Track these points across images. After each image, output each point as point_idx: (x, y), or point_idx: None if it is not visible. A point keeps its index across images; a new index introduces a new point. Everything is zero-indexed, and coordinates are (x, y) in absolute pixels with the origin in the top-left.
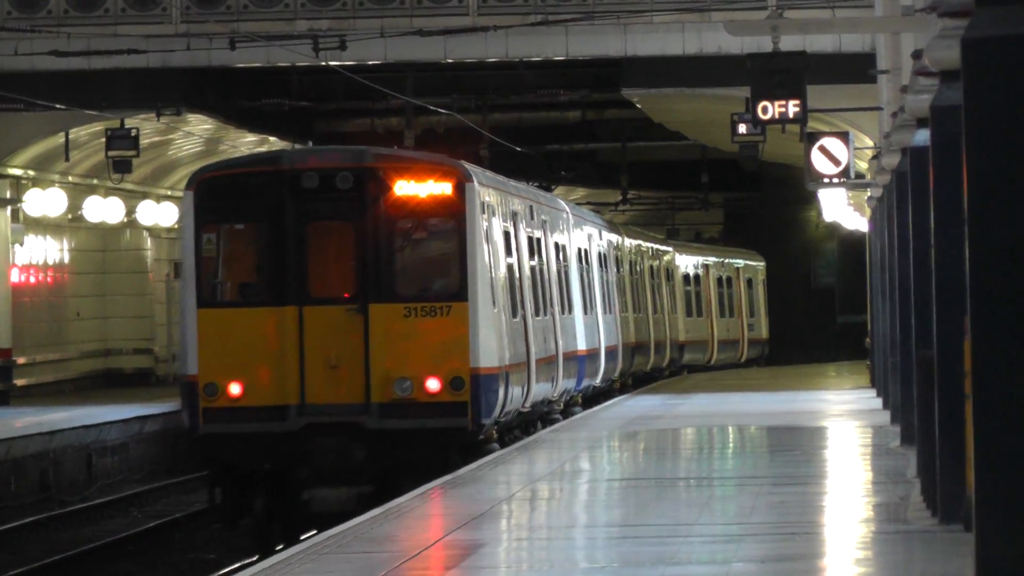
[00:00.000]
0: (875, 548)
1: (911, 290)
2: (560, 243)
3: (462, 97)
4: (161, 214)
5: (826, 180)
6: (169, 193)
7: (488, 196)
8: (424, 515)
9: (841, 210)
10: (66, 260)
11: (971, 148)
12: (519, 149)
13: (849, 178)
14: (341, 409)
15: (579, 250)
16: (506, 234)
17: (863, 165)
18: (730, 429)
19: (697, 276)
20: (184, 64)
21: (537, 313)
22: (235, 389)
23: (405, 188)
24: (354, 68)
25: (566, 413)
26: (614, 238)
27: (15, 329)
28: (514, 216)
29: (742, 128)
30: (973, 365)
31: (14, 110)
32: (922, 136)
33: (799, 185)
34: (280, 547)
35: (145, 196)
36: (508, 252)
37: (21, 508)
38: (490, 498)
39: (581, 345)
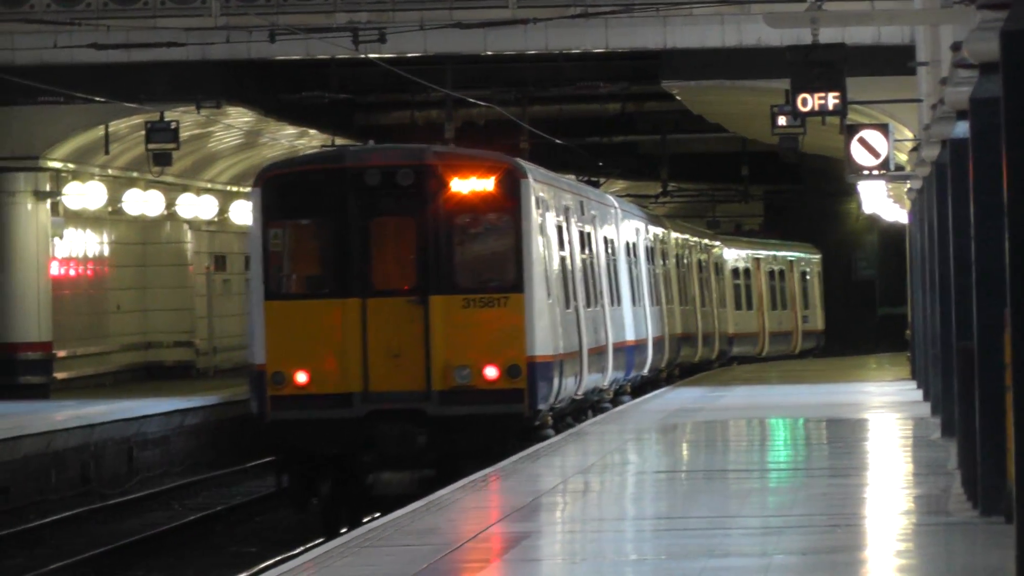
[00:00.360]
0: (916, 540)
1: (951, 282)
2: (608, 237)
3: (502, 90)
4: (201, 207)
5: (866, 172)
6: (209, 186)
7: (542, 192)
8: (468, 507)
9: (881, 202)
10: (106, 253)
11: (1010, 140)
12: (559, 142)
13: (889, 170)
14: (403, 396)
15: (627, 244)
16: (559, 228)
17: (903, 157)
18: (771, 421)
19: (747, 269)
20: (223, 57)
21: (588, 304)
22: (301, 377)
23: (463, 184)
24: (393, 60)
25: (615, 402)
26: (660, 232)
27: (55, 322)
28: (566, 211)
29: (782, 120)
30: (1013, 357)
31: (54, 103)
32: (961, 128)
33: (839, 177)
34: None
35: (185, 189)
36: (561, 245)
37: (62, 501)
38: (533, 490)
39: (630, 336)
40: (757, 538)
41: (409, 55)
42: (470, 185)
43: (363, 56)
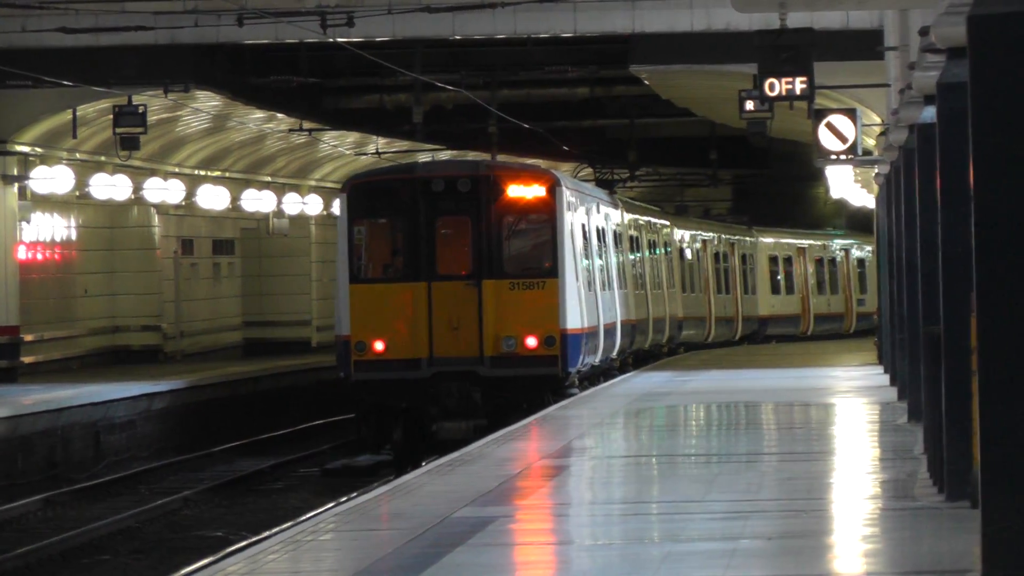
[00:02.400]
0: (882, 525)
1: (918, 266)
2: (618, 232)
3: (470, 74)
4: (168, 191)
5: (833, 157)
6: (177, 170)
7: (571, 197)
8: (436, 491)
9: (848, 187)
10: (73, 237)
11: (977, 125)
12: (527, 126)
13: (856, 155)
14: (461, 361)
15: (631, 238)
16: (582, 226)
17: (870, 142)
18: (737, 406)
19: (788, 258)
20: (192, 41)
21: (603, 288)
22: (379, 346)
23: (510, 191)
24: (362, 44)
25: (622, 370)
26: (668, 227)
27: (23, 306)
28: (587, 212)
29: (750, 105)
30: (979, 341)
31: (22, 87)
32: (929, 113)
33: (807, 162)
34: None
35: (153, 173)
36: (584, 239)
37: (29, 485)
38: (498, 475)
39: (636, 315)
40: (723, 522)
41: (378, 39)
42: (516, 191)
43: (332, 40)
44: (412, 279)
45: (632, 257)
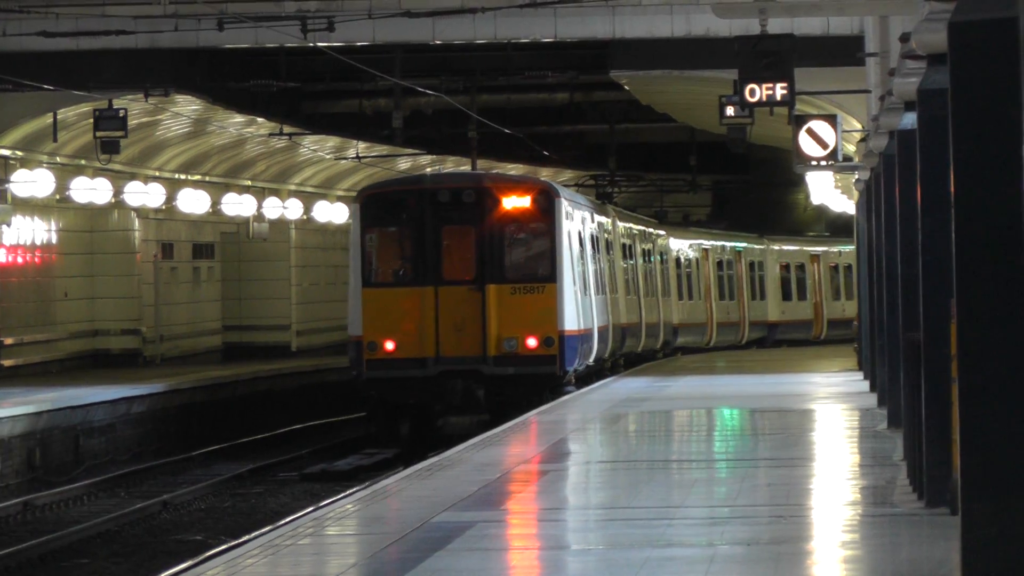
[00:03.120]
0: (861, 531)
1: (898, 273)
2: (610, 240)
3: (450, 78)
4: (148, 195)
5: (814, 163)
6: (157, 174)
7: (568, 207)
8: (413, 496)
9: (829, 193)
10: (54, 241)
11: (957, 131)
12: (507, 131)
13: (837, 161)
14: (465, 360)
15: (624, 245)
16: (579, 234)
17: (851, 148)
18: (717, 412)
19: (801, 264)
20: (172, 45)
21: (597, 293)
22: (389, 345)
23: (511, 202)
24: (342, 49)
25: (614, 370)
26: (664, 237)
27: (2, 310)
28: (582, 221)
29: (730, 110)
30: (959, 348)
31: (2, 90)
32: (909, 119)
33: (787, 167)
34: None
35: (133, 177)
36: (581, 247)
37: (7, 489)
38: (478, 479)
39: (627, 319)
40: (701, 528)
41: (358, 44)
42: (517, 202)
43: (312, 44)
44: (420, 283)
45: (624, 264)
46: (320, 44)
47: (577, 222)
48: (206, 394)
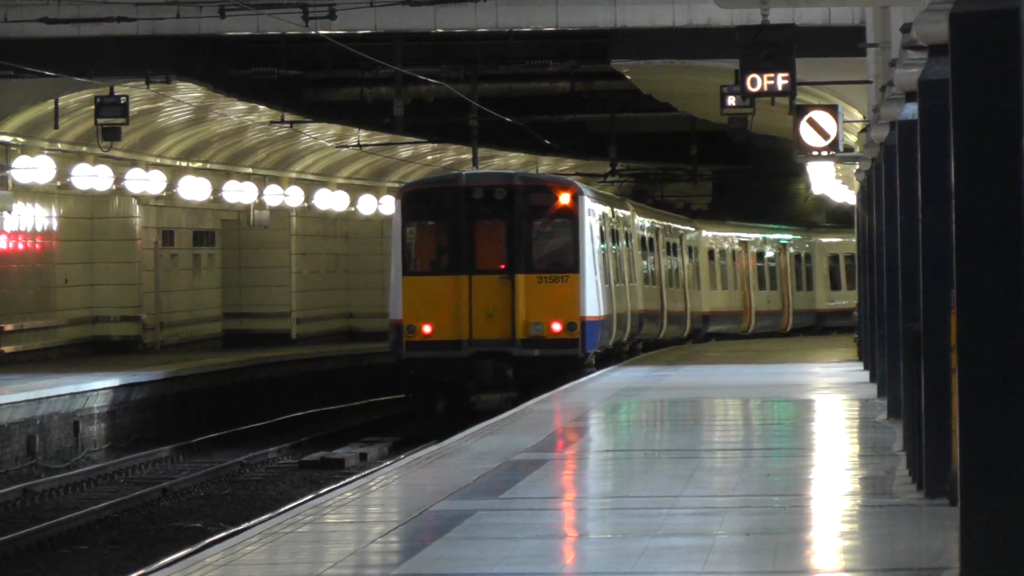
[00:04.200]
0: (860, 521)
1: (898, 263)
2: (630, 233)
3: (451, 67)
4: (149, 182)
5: (815, 153)
6: (158, 161)
7: (590, 204)
8: (412, 483)
9: (829, 183)
10: (54, 227)
11: (958, 122)
12: (508, 119)
13: (837, 151)
14: (496, 343)
15: (644, 239)
16: (600, 228)
17: (852, 138)
18: (716, 401)
19: (851, 255)
20: (173, 32)
21: (616, 282)
22: (427, 329)
23: (539, 199)
24: (343, 37)
25: (632, 352)
26: (694, 232)
27: (2, 296)
28: (603, 216)
29: (731, 100)
30: (959, 339)
31: (3, 77)
32: (910, 110)
33: (788, 158)
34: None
35: (134, 164)
36: (602, 240)
37: (7, 475)
38: (475, 469)
39: (645, 307)
40: (700, 518)
41: (359, 32)
42: (544, 199)
43: (313, 32)
44: (455, 272)
45: (643, 255)
46: (321, 32)
47: (598, 217)
48: (206, 381)
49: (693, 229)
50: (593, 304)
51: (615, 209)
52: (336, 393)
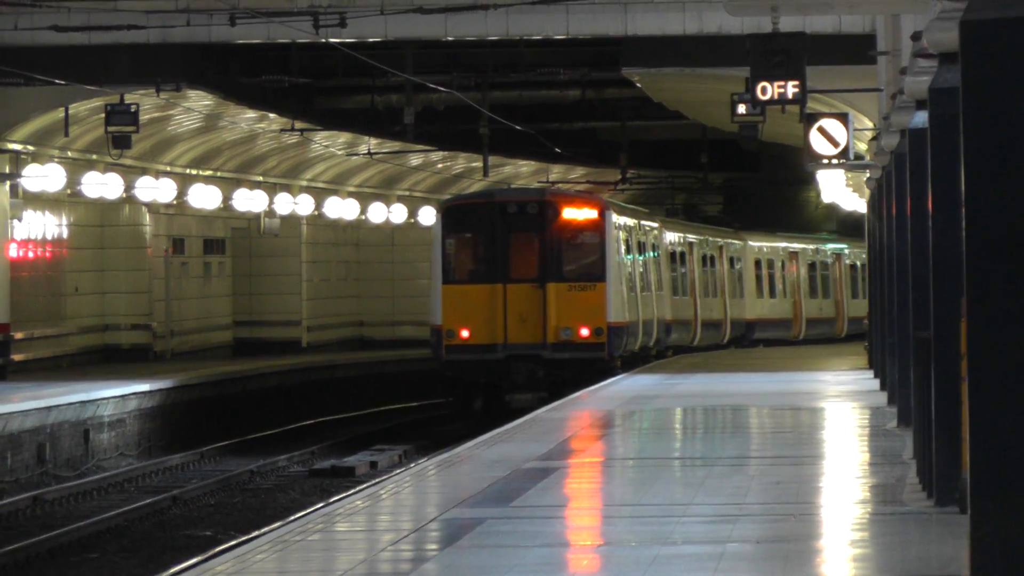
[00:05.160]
0: (871, 530)
1: (909, 271)
2: (656, 245)
3: (462, 75)
4: (159, 190)
5: (825, 161)
6: (168, 169)
7: (617, 218)
8: (423, 492)
9: (840, 191)
10: (64, 235)
11: (969, 130)
12: (518, 127)
13: (848, 159)
14: (529, 346)
15: (674, 252)
16: (626, 241)
17: (862, 146)
18: (726, 410)
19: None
20: (184, 40)
21: (644, 291)
22: (465, 333)
23: (569, 213)
24: (354, 45)
25: (660, 355)
26: (739, 243)
27: (13, 304)
28: (629, 229)
29: (742, 108)
30: (969, 347)
31: (14, 84)
32: (921, 118)
33: (798, 166)
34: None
35: (144, 172)
36: (628, 252)
37: (17, 483)
38: (487, 476)
39: (673, 315)
40: (710, 526)
41: (370, 40)
42: (574, 214)
43: (324, 40)
44: (491, 281)
45: (674, 267)
46: (332, 40)
47: (626, 231)
48: (215, 389)
49: (738, 241)
50: (618, 311)
51: (642, 222)
52: (347, 401)
